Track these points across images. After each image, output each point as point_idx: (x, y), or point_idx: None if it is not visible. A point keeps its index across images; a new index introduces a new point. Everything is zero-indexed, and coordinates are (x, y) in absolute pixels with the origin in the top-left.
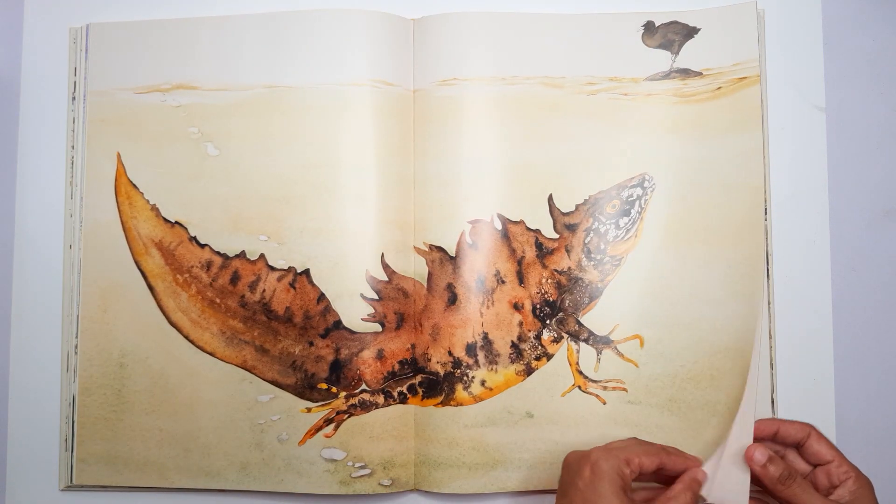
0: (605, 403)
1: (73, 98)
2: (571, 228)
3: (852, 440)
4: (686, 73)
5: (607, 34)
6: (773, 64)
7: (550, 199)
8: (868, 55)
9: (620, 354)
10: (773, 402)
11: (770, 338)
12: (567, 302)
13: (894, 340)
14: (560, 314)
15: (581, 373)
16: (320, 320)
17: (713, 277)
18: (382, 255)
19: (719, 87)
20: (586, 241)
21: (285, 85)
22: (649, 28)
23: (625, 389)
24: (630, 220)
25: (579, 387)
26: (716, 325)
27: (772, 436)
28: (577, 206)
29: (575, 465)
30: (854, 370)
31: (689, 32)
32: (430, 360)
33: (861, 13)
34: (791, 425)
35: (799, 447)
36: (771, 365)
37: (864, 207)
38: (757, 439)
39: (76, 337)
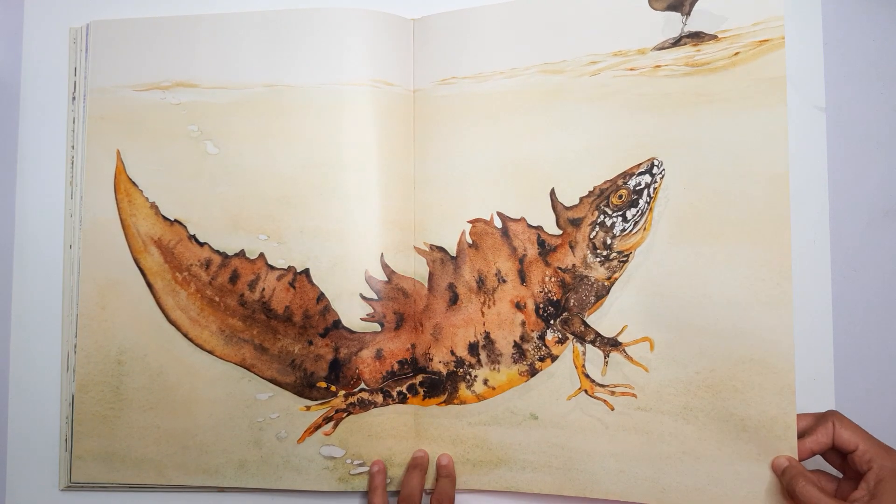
0: (612, 409)
1: (74, 98)
2: (575, 223)
3: None
4: (699, 36)
5: (610, 4)
6: None
7: (552, 193)
8: (868, 55)
9: (629, 357)
10: None
11: None
12: (572, 301)
13: (894, 340)
14: (564, 314)
15: (587, 376)
16: (320, 319)
17: (731, 278)
18: (382, 254)
19: (737, 53)
20: (591, 237)
21: (285, 84)
22: None
23: (634, 395)
24: (638, 211)
25: (585, 390)
26: (735, 331)
27: (809, 455)
28: (581, 199)
29: None
30: (854, 369)
31: None
32: (432, 359)
33: (861, 13)
34: (815, 440)
35: (834, 445)
36: None
37: (865, 207)
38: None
39: (76, 336)
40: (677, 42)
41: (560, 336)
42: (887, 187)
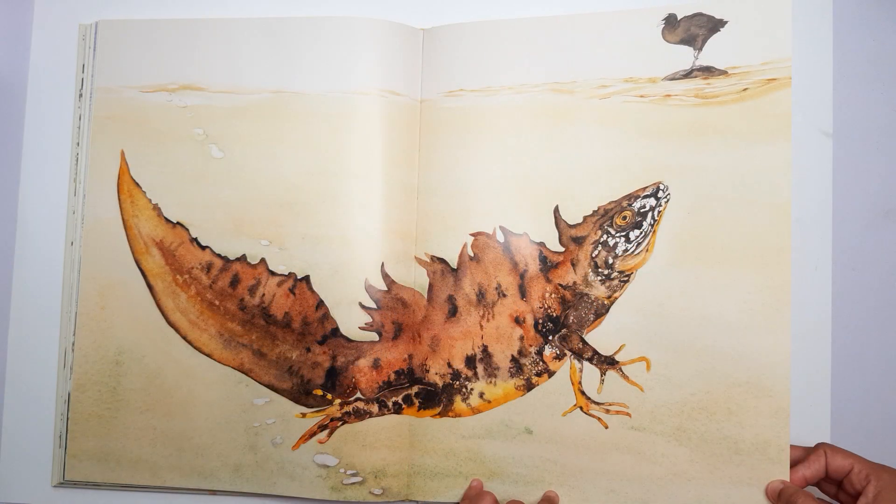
0: (606, 427)
1: (80, 95)
2: (578, 241)
3: (848, 440)
4: (710, 71)
5: (623, 32)
6: None
7: (556, 210)
8: (869, 55)
9: (625, 377)
10: None
11: None
12: (571, 318)
13: (893, 340)
14: (563, 330)
15: (583, 393)
16: (318, 327)
17: (730, 303)
18: (382, 264)
19: (745, 89)
20: (594, 255)
21: (292, 90)
22: (670, 21)
23: (628, 414)
24: (641, 233)
25: (581, 407)
26: (732, 355)
27: (803, 482)
28: (585, 218)
29: None
30: (852, 370)
31: (715, 26)
32: (428, 370)
33: (863, 14)
34: (808, 466)
35: (828, 474)
36: None
37: (865, 207)
38: None
39: (73, 335)
40: (688, 74)
41: (558, 352)
42: (888, 187)
